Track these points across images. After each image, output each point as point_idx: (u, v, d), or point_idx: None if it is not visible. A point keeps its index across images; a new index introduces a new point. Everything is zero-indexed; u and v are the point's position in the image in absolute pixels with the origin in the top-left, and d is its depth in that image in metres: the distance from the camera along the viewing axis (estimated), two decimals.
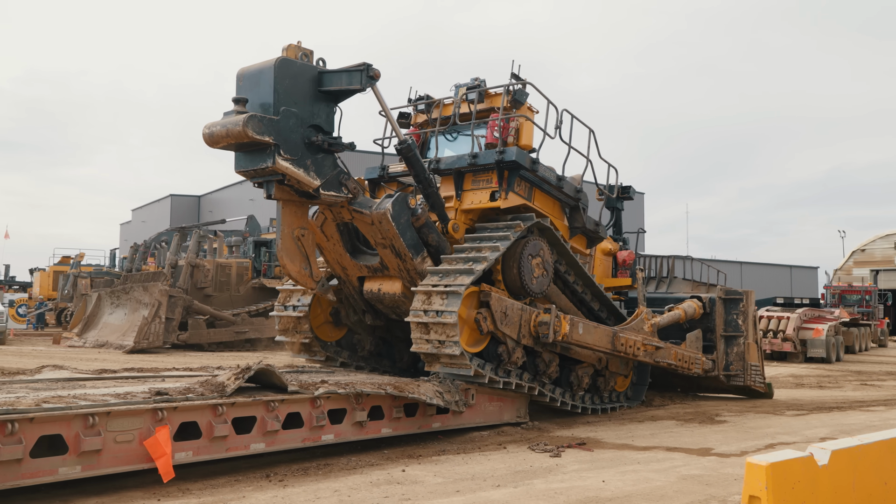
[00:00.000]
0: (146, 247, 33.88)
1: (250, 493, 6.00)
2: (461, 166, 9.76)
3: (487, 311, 8.75)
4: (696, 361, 11.99)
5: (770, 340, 24.00)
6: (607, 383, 11.18)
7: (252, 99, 7.60)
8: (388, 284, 9.41)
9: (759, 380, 13.03)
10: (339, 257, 9.53)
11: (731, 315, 12.77)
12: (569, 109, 10.15)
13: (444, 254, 9.19)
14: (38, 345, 25.19)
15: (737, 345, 12.68)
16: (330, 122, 8.15)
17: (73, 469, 5.68)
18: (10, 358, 19.12)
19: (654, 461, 7.63)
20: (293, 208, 8.33)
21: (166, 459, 6.06)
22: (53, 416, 5.58)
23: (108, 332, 23.49)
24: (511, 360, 9.11)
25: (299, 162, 7.73)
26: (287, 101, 7.63)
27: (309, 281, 8.48)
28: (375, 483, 6.38)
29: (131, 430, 5.98)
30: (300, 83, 7.81)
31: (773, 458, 3.97)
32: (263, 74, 7.65)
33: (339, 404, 7.52)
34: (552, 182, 10.24)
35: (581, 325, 9.86)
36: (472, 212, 9.86)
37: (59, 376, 7.83)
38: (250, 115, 7.23)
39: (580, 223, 10.87)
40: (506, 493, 6.10)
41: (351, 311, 10.43)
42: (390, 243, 8.79)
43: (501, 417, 9.49)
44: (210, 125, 7.48)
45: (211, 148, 7.61)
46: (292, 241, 8.32)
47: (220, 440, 6.53)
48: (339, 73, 8.02)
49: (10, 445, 5.31)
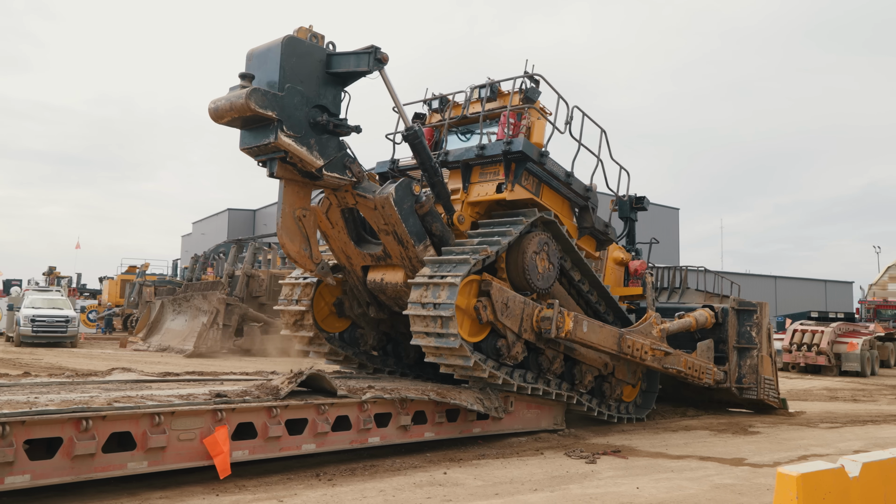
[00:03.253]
0: (205, 257, 34.99)
1: (301, 491, 6.36)
2: (469, 158, 9.66)
3: (488, 301, 8.63)
4: (706, 371, 11.76)
5: (804, 354, 23.90)
6: (613, 390, 10.93)
7: (259, 76, 7.61)
8: (391, 274, 9.34)
9: (773, 394, 12.79)
10: (344, 245, 9.48)
11: (745, 327, 12.56)
12: (580, 107, 10.01)
13: (448, 244, 9.09)
14: (107, 348, 26.34)
15: (750, 357, 12.47)
16: (337, 105, 8.12)
17: (140, 464, 6.10)
18: (81, 360, 20.18)
19: (688, 469, 7.84)
20: (296, 188, 8.33)
21: (224, 457, 6.45)
22: (123, 415, 5.99)
23: (170, 337, 24.64)
24: (511, 354, 8.92)
25: (302, 140, 7.70)
26: (293, 78, 7.63)
27: (308, 262, 8.50)
28: (419, 484, 6.71)
29: (193, 429, 6.39)
30: (307, 63, 7.81)
31: (804, 468, 4.16)
32: (271, 52, 7.68)
33: (384, 409, 7.86)
34: (561, 178, 10.04)
35: (585, 323, 9.60)
36: (478, 204, 9.75)
37: (127, 378, 8.30)
38: (253, 88, 7.25)
39: (589, 223, 10.67)
40: (543, 496, 6.37)
41: (355, 302, 10.39)
42: (392, 229, 8.69)
43: (539, 424, 9.77)
44: (215, 100, 7.51)
45: (217, 123, 7.65)
46: (293, 220, 8.34)
47: (274, 440, 6.91)
48: (348, 56, 8.01)
49: (84, 441, 5.73)
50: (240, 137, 7.90)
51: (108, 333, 34.86)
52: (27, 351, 23.67)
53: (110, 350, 25.21)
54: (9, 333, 28.32)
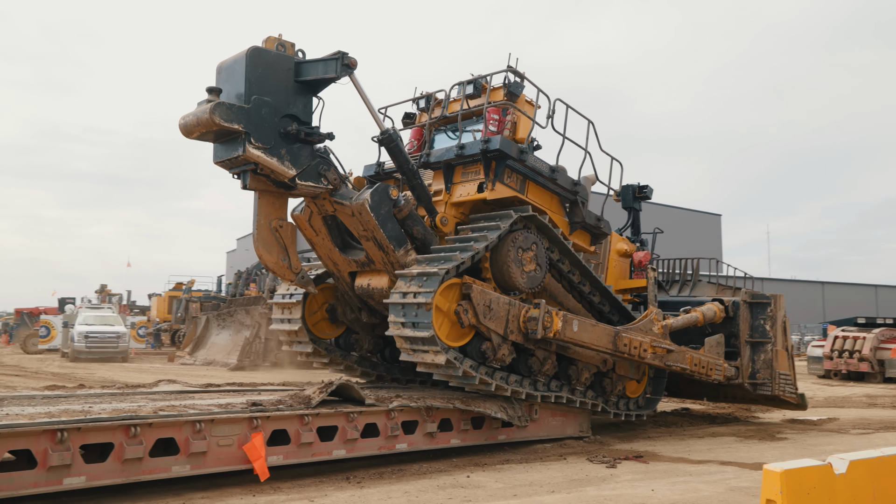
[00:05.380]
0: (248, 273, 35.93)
1: (331, 492, 6.81)
2: (449, 158, 9.47)
3: (469, 304, 8.48)
4: (715, 367, 11.33)
5: (846, 361, 23.60)
6: (614, 386, 10.59)
7: (227, 89, 7.60)
8: (377, 279, 9.25)
9: (790, 390, 12.29)
10: (330, 252, 9.43)
11: (758, 320, 12.14)
12: (562, 99, 9.71)
13: (432, 248, 8.97)
14: (155, 362, 27.50)
15: (764, 352, 12.03)
16: (308, 113, 8.04)
17: (183, 468, 6.63)
18: (131, 374, 21.26)
19: (707, 474, 8.06)
20: (270, 199, 8.29)
21: (262, 462, 6.95)
22: (168, 422, 6.54)
23: (215, 352, 25.58)
24: (496, 357, 8.78)
25: (272, 151, 7.64)
26: (260, 90, 7.58)
27: (287, 272, 8.46)
28: (442, 486, 7.10)
29: (231, 436, 6.90)
30: (275, 73, 7.76)
31: (788, 465, 4.45)
32: (237, 64, 7.64)
33: (411, 416, 8.28)
34: (545, 173, 9.78)
35: (576, 323, 9.34)
36: (462, 205, 9.58)
37: (172, 389, 8.91)
38: (218, 102, 7.24)
39: (580, 218, 10.39)
40: (559, 497, 6.71)
41: (347, 308, 10.38)
42: (372, 235, 8.61)
43: (564, 431, 10.06)
44: (184, 115, 7.50)
45: (188, 138, 7.63)
46: (269, 231, 8.29)
47: (306, 446, 7.38)
48: (315, 63, 7.95)
49: (133, 446, 6.29)
50: (213, 152, 7.91)
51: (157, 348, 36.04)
52: (81, 366, 24.75)
53: (159, 364, 26.24)
54: (64, 349, 29.54)
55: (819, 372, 24.53)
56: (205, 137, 7.68)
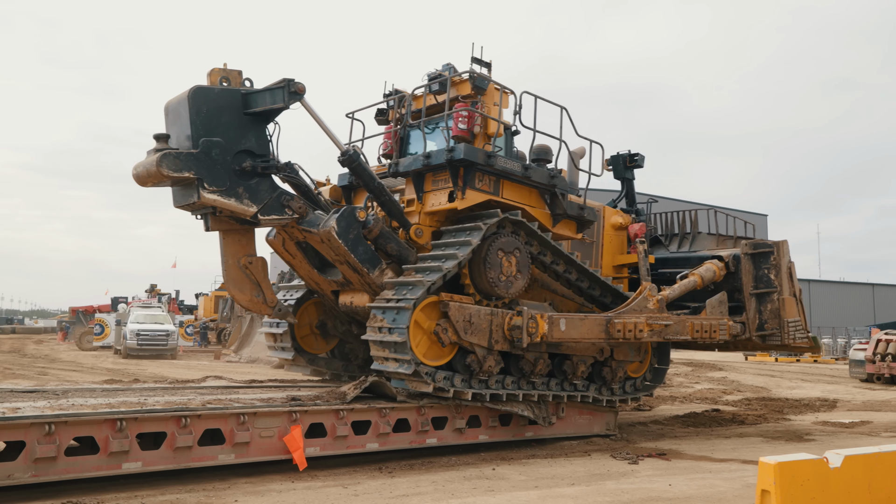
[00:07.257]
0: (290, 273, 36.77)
1: (364, 481, 7.31)
2: (417, 168, 9.25)
3: (447, 322, 8.38)
4: (719, 328, 10.99)
5: (889, 364, 23.30)
6: (615, 373, 10.38)
7: (175, 133, 7.43)
8: (359, 297, 9.22)
9: (801, 336, 11.76)
10: (309, 272, 9.41)
11: (762, 270, 11.72)
12: (530, 91, 9.40)
13: (408, 261, 8.87)
14: (202, 360, 28.58)
15: (770, 301, 11.58)
16: (263, 144, 7.81)
17: (228, 456, 7.21)
18: (180, 370, 22.39)
19: (726, 471, 8.33)
20: (236, 237, 8.14)
21: (300, 452, 7.48)
22: (214, 414, 7.12)
23: (259, 350, 26.41)
24: (483, 369, 8.70)
25: (229, 192, 7.47)
26: (208, 130, 7.35)
27: (263, 307, 8.35)
28: (468, 478, 7.55)
29: (272, 428, 7.44)
30: (221, 110, 7.51)
31: (783, 458, 4.77)
32: (181, 106, 7.42)
33: (440, 413, 8.73)
34: (518, 173, 9.49)
35: (563, 321, 9.16)
36: (435, 214, 9.37)
37: (218, 384, 9.56)
38: (164, 153, 7.09)
39: (561, 209, 10.07)
40: (577, 490, 7.09)
41: (337, 321, 10.41)
42: (344, 259, 8.49)
43: (591, 429, 10.41)
44: (136, 166, 7.34)
45: (143, 188, 7.50)
46: (238, 270, 8.16)
47: (341, 439, 7.90)
48: (263, 93, 7.72)
49: (183, 435, 6.88)
50: (172, 196, 7.79)
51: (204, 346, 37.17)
52: (133, 362, 25.86)
53: (205, 362, 27.25)
54: (117, 346, 30.77)
55: (861, 375, 24.22)
56: (161, 185, 7.51)
